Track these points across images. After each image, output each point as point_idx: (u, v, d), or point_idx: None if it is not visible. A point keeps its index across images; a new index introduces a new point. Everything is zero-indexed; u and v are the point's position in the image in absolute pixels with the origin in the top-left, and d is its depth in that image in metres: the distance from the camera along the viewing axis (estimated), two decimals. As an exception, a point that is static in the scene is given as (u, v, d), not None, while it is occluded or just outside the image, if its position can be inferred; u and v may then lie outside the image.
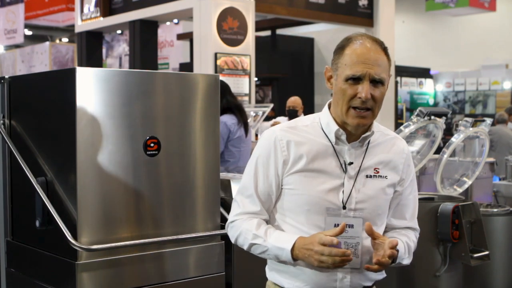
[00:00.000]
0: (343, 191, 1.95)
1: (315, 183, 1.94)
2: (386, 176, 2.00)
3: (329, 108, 2.02)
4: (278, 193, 2.01)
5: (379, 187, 1.99)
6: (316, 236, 1.86)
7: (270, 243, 1.93)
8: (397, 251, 1.93)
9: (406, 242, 2.04)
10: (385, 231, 2.08)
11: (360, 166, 1.98)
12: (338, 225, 1.90)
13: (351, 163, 1.97)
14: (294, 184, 1.96)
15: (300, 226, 1.95)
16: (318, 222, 1.93)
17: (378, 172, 1.99)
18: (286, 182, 1.98)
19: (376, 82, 1.90)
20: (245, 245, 2.00)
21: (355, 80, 1.89)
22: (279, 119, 7.97)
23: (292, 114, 7.40)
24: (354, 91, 1.89)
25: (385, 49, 1.94)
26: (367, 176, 1.98)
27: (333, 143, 1.97)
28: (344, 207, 1.94)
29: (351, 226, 1.92)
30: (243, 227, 2.00)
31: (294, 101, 7.52)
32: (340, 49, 1.95)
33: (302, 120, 2.05)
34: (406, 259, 2.03)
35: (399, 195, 2.06)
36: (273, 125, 5.36)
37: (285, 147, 1.97)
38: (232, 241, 2.06)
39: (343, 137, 1.96)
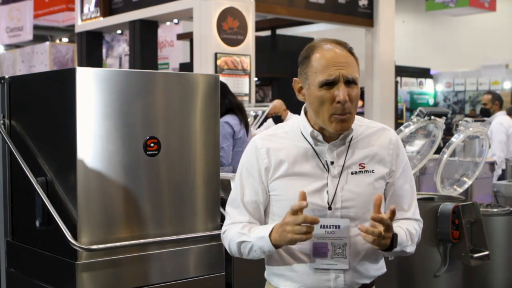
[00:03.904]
0: (327, 192, 1.94)
1: (298, 186, 1.93)
2: (372, 170, 1.98)
3: (305, 112, 2.02)
4: (266, 201, 2.02)
5: (366, 183, 1.97)
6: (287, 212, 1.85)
7: (252, 236, 1.94)
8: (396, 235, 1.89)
9: (407, 229, 2.00)
10: None
11: (344, 164, 1.96)
12: (324, 226, 1.90)
13: (332, 163, 1.96)
14: (278, 190, 1.98)
15: None
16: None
17: (364, 167, 1.97)
18: (271, 189, 2.00)
19: (350, 83, 1.89)
20: (235, 248, 2.01)
21: (330, 84, 1.88)
22: (269, 121, 7.93)
23: (276, 120, 7.48)
24: (331, 95, 1.88)
25: (350, 49, 1.94)
26: (352, 173, 1.96)
27: (312, 144, 1.97)
28: (329, 208, 1.93)
29: (337, 227, 1.91)
30: (232, 232, 2.02)
31: (274, 107, 7.57)
32: (305, 58, 1.95)
33: (283, 126, 2.07)
34: (409, 246, 2.00)
35: (392, 186, 2.03)
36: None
37: (265, 155, 1.98)
38: (228, 250, 2.07)
39: (320, 137, 1.96)
